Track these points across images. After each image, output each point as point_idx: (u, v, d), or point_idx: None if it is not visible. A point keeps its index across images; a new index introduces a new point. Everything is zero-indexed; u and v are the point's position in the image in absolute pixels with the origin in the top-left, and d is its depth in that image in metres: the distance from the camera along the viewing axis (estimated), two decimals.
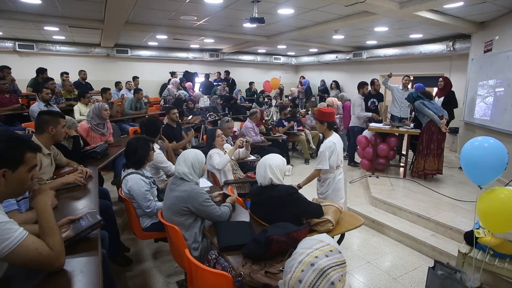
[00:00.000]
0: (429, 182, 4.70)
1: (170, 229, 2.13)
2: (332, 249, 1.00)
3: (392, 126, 5.13)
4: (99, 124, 4.16)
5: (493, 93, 5.08)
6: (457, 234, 3.29)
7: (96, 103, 4.41)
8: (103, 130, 4.18)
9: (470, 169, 2.25)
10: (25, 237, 1.22)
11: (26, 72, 7.39)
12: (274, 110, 7.95)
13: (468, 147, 2.25)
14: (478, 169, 2.17)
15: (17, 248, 1.19)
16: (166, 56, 10.72)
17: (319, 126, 3.08)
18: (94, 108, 4.18)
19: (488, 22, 5.56)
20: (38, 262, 1.26)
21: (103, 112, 4.15)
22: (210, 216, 2.16)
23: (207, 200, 2.13)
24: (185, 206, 2.10)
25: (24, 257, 1.21)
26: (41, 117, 2.59)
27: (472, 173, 2.25)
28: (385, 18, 5.34)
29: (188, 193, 2.11)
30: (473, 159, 2.18)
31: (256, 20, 4.83)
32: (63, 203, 2.15)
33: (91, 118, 4.14)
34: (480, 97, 5.50)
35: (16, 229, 1.22)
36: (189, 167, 2.21)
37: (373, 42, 8.65)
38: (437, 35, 7.17)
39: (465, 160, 2.26)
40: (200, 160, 2.29)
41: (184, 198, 2.10)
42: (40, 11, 5.65)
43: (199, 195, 2.12)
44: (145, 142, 2.65)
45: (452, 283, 2.08)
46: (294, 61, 13.09)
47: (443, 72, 7.80)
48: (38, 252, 1.25)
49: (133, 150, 2.60)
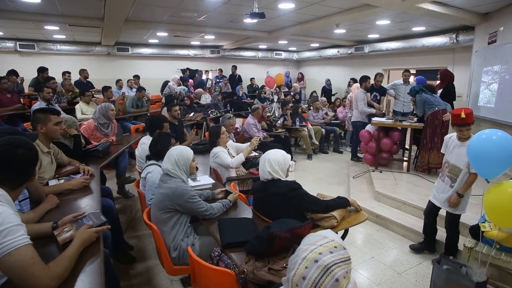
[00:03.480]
0: (433, 176, 4.65)
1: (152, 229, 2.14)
2: (337, 245, 0.98)
3: (395, 120, 5.09)
4: (104, 123, 4.16)
5: (498, 80, 4.99)
6: (462, 228, 3.24)
7: (103, 103, 4.39)
8: (106, 131, 4.18)
9: (477, 162, 2.21)
10: (27, 244, 1.20)
11: (28, 72, 7.38)
12: (276, 106, 7.91)
13: (475, 140, 2.21)
14: (485, 162, 2.13)
15: (15, 251, 1.15)
16: (167, 53, 10.70)
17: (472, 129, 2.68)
18: (101, 108, 4.17)
19: (492, 13, 5.47)
20: (28, 273, 1.17)
21: (109, 112, 4.15)
22: (196, 213, 2.15)
23: (192, 196, 2.11)
24: (170, 203, 2.08)
25: (18, 263, 1.16)
26: (33, 115, 2.60)
27: (479, 166, 2.21)
28: (387, 11, 5.28)
29: (173, 190, 2.09)
30: (480, 152, 2.14)
31: (256, 15, 4.78)
32: (65, 202, 2.14)
33: (97, 117, 4.13)
34: (484, 84, 5.40)
35: (23, 233, 1.21)
36: (173, 163, 2.17)
37: (375, 36, 8.56)
38: (440, 28, 7.07)
39: (472, 153, 2.22)
40: (185, 157, 2.22)
41: (169, 195, 2.08)
42: (39, 10, 5.64)
43: (184, 192, 2.09)
44: (166, 137, 2.80)
45: (458, 278, 2.05)
46: (295, 56, 13.01)
47: (446, 65, 7.70)
48: (32, 262, 1.18)
49: (154, 143, 2.77)
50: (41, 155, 2.44)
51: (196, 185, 2.72)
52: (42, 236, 1.62)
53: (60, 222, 1.67)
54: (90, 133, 4.04)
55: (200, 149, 4.13)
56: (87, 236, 1.54)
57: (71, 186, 2.36)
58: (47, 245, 1.57)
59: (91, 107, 5.72)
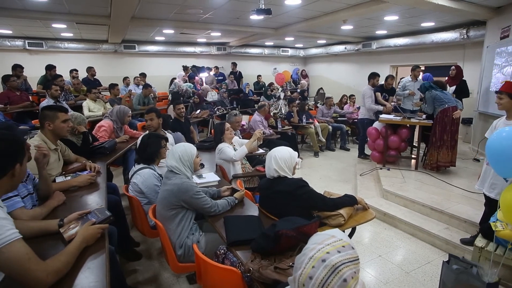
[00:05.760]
0: (442, 174, 4.58)
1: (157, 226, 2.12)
2: (345, 245, 0.95)
3: (404, 117, 5.01)
4: (119, 127, 4.15)
5: None
6: (472, 227, 3.20)
7: (121, 106, 4.32)
8: (120, 134, 4.18)
9: (496, 160, 2.15)
10: (18, 239, 1.19)
11: (36, 70, 7.46)
12: (282, 103, 7.87)
13: (494, 137, 2.15)
14: (505, 160, 2.07)
15: (6, 247, 1.14)
16: (173, 50, 10.71)
17: (506, 102, 2.62)
18: (119, 112, 4.12)
19: (504, 7, 5.33)
20: (24, 269, 1.16)
21: (126, 117, 4.15)
22: (201, 210, 2.14)
23: (197, 192, 2.11)
24: (175, 200, 2.08)
25: (12, 259, 1.15)
26: (41, 112, 2.60)
27: (498, 165, 2.15)
28: (396, 6, 5.19)
29: (178, 186, 2.09)
30: (500, 150, 2.08)
31: (263, 12, 4.74)
32: (72, 199, 2.16)
33: (114, 121, 4.10)
34: (497, 66, 5.24)
35: (10, 228, 1.19)
36: (177, 160, 2.18)
37: (383, 32, 8.43)
38: (450, 23, 6.94)
39: (491, 151, 2.16)
40: (189, 153, 2.23)
41: (174, 192, 2.08)
42: (47, 9, 5.67)
43: (190, 187, 2.09)
44: (156, 140, 2.69)
45: (468, 278, 2.01)
46: (302, 53, 12.92)
47: (456, 61, 7.57)
48: (27, 257, 1.17)
49: (143, 146, 2.66)
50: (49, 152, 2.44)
51: (201, 182, 2.71)
52: (48, 233, 1.62)
53: (66, 220, 1.68)
54: (110, 134, 3.98)
55: (206, 146, 4.13)
56: (89, 233, 1.54)
57: (77, 183, 2.37)
58: (53, 242, 1.57)
59: (98, 104, 5.76)
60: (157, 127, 3.54)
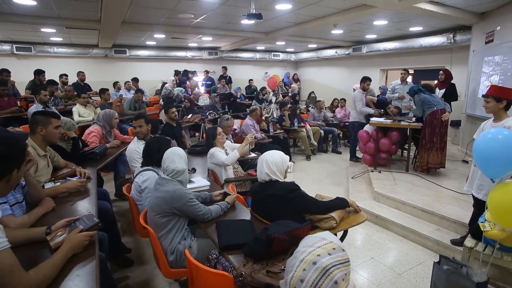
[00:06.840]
0: (432, 176, 4.65)
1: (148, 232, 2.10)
2: (335, 247, 0.96)
3: (394, 120, 5.08)
4: (108, 132, 4.09)
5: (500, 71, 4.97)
6: (462, 228, 3.25)
7: (106, 110, 4.25)
8: (110, 138, 4.12)
9: (483, 162, 2.19)
10: (4, 249, 1.15)
11: (25, 75, 7.35)
12: (274, 107, 7.90)
13: (481, 139, 2.19)
14: (491, 161, 2.11)
15: None
16: (165, 55, 10.69)
17: (493, 105, 2.65)
18: (105, 115, 4.05)
19: (488, 12, 5.48)
20: (6, 282, 1.12)
21: (113, 120, 4.09)
22: (195, 216, 2.12)
23: (191, 200, 2.08)
24: (168, 207, 2.06)
25: None
26: (33, 117, 2.54)
27: (485, 166, 2.19)
28: (384, 11, 5.28)
29: (170, 193, 2.06)
30: (486, 151, 2.12)
31: (253, 16, 4.77)
32: (61, 205, 2.12)
33: (102, 125, 4.05)
34: (485, 74, 5.38)
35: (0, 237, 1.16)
36: (186, 163, 2.22)
37: (373, 36, 8.57)
38: (437, 27, 7.09)
39: (477, 153, 2.20)
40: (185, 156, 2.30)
41: (167, 199, 2.05)
42: (35, 13, 5.61)
43: (183, 195, 2.07)
44: (167, 142, 2.70)
45: (458, 278, 2.03)
46: (293, 57, 13.02)
47: (444, 65, 7.73)
48: (10, 269, 1.13)
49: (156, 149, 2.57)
50: (37, 158, 2.41)
51: (192, 187, 2.69)
52: (35, 241, 1.59)
53: (54, 227, 1.64)
54: (100, 140, 3.92)
55: (198, 150, 4.11)
56: (76, 241, 1.51)
57: (66, 189, 2.33)
58: (40, 251, 1.54)
59: (88, 109, 5.70)
60: (146, 134, 3.47)
